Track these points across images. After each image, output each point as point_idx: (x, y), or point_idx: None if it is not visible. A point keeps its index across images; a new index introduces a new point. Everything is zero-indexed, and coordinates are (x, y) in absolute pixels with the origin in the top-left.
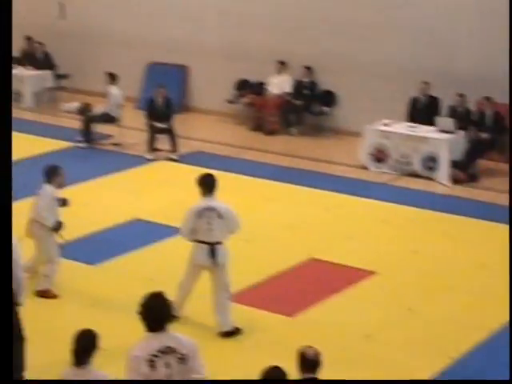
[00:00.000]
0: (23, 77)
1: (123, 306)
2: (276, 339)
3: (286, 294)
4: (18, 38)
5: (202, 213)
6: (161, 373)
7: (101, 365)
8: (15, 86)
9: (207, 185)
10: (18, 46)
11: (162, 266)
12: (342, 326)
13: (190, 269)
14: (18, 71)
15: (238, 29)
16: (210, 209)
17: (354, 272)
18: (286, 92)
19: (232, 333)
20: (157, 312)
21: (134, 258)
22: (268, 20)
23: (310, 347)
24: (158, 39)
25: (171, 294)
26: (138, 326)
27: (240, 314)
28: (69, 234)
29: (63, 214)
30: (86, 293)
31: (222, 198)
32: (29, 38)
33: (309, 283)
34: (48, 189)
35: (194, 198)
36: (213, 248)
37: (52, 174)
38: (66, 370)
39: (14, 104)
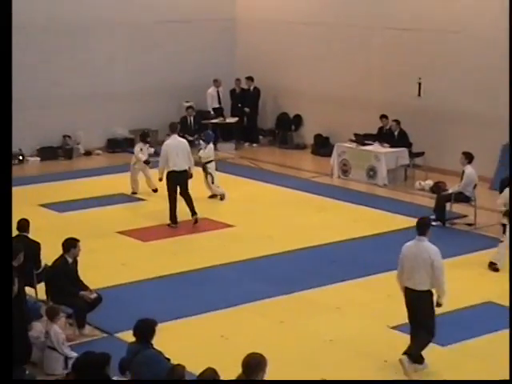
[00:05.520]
0: (379, 154)
1: None
2: None
3: None
4: (376, 116)
5: None
6: None
7: None
8: (371, 162)
9: None
10: (375, 123)
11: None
12: None
13: None
14: (374, 148)
15: None
16: None
17: None
18: None
19: None
20: None
21: (485, 342)
22: None
23: None
24: None
25: None
26: None
27: None
28: None
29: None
30: (437, 374)
31: None
32: (385, 116)
33: None
34: None
35: None
36: None
37: None
38: None
39: (368, 180)
